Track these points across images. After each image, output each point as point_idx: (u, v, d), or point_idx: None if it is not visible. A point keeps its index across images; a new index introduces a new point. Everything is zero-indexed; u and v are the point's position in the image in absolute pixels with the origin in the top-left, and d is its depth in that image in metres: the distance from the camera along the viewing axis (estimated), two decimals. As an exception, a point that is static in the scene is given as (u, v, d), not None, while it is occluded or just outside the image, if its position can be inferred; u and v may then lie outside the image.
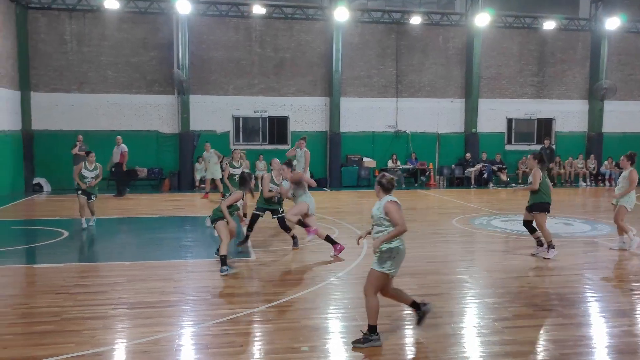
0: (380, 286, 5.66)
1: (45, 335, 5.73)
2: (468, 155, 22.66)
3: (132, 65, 20.59)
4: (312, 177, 15.56)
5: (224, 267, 8.24)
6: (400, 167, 22.05)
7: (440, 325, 6.11)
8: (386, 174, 5.84)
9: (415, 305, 5.95)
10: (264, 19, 21.26)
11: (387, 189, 5.73)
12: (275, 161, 10.43)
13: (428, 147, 22.80)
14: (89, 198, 12.10)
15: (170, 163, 20.91)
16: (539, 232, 9.59)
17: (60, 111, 20.12)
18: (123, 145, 18.50)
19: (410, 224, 8.66)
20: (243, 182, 8.83)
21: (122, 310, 6.62)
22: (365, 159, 22.13)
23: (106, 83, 20.46)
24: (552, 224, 11.92)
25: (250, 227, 10.24)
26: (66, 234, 11.37)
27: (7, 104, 18.24)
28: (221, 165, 17.24)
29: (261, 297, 7.09)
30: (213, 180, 17.70)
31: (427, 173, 22.67)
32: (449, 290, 7.61)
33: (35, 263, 9.40)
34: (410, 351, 5.55)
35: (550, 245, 9.40)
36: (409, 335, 5.96)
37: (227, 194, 10.57)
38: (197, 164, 20.63)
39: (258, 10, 20.45)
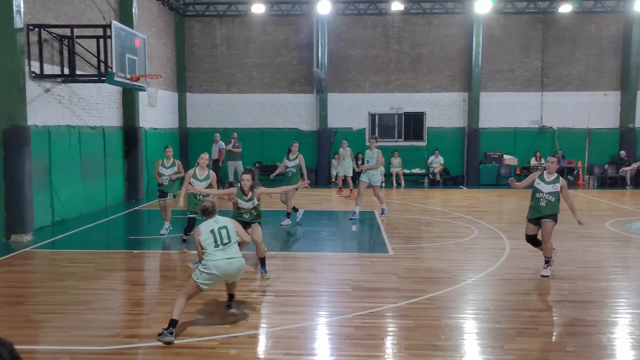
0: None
1: (206, 315, 6.31)
2: (623, 153, 20.74)
3: (275, 65, 21.66)
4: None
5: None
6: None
7: (593, 335, 5.76)
8: None
9: (231, 297, 6.24)
10: (401, 15, 21.22)
11: None
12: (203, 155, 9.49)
13: (576, 143, 21.27)
14: (163, 196, 10.97)
15: (308, 159, 21.65)
16: None
17: (211, 110, 21.79)
18: (221, 142, 18.98)
19: (558, 225, 8.22)
20: None
21: (270, 297, 7.08)
22: (506, 156, 21.22)
23: (251, 83, 21.76)
24: None
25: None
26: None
27: (167, 104, 20.12)
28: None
29: (401, 293, 7.17)
30: (345, 177, 18.21)
31: (576, 172, 21.16)
32: (601, 297, 7.11)
33: (192, 249, 10.32)
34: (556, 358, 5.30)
35: None
36: (560, 341, 5.69)
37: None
38: (333, 160, 21.19)
39: (396, 6, 20.44)
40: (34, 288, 7.61)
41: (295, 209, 12.57)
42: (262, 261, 7.96)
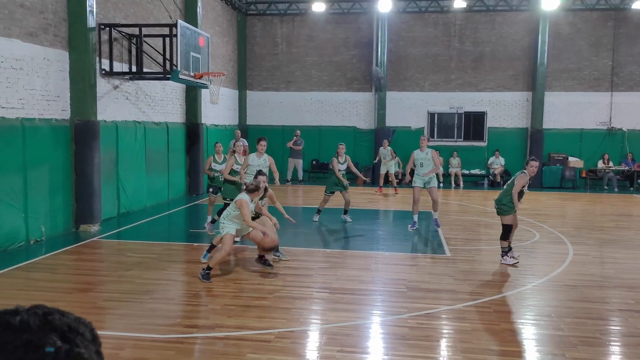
0: None
1: (262, 309, 6.43)
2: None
3: (334, 64, 21.72)
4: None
5: None
6: (613, 168, 19.93)
7: (662, 347, 5.49)
8: None
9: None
10: (464, 13, 20.81)
11: None
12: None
13: (648, 146, 20.22)
14: (216, 192, 11.11)
15: (365, 158, 21.63)
16: None
17: (270, 108, 22.09)
18: (243, 139, 17.55)
19: (625, 231, 7.87)
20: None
21: (325, 294, 7.13)
22: (571, 159, 20.44)
23: (310, 82, 21.91)
24: None
25: None
26: (274, 219, 12.48)
27: (228, 101, 20.55)
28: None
29: (458, 295, 7.06)
30: (387, 176, 18.38)
31: (646, 176, 20.13)
32: (672, 309, 6.75)
33: (249, 244, 10.51)
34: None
35: None
36: (625, 352, 5.46)
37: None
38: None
39: (459, 4, 20.05)
40: (101, 276, 7.97)
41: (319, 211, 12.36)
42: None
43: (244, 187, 7.94)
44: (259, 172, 8.45)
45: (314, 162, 21.57)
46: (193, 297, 7.16)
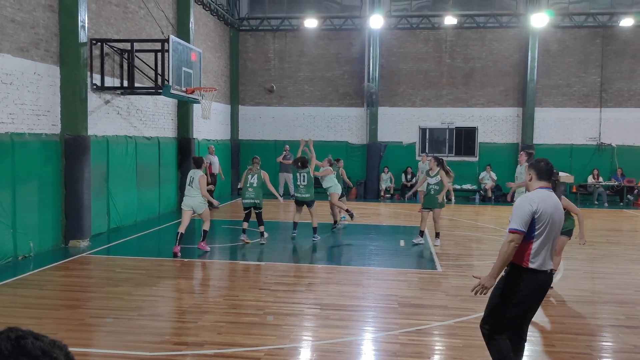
0: None
1: (252, 326, 6.37)
2: (688, 172, 19.75)
3: (326, 79, 21.83)
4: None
5: None
6: (603, 183, 20.07)
7: (653, 363, 5.48)
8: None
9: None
10: (454, 29, 21.02)
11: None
12: None
13: (637, 161, 20.39)
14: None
15: (357, 173, 21.67)
16: None
17: (263, 123, 22.12)
18: (212, 156, 17.74)
19: (615, 246, 7.90)
20: None
21: (316, 310, 7.08)
22: (561, 174, 20.52)
23: (302, 97, 21.98)
24: None
25: None
26: (266, 234, 12.45)
27: (220, 116, 20.57)
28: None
29: (449, 311, 7.03)
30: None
31: (636, 191, 20.26)
32: (663, 324, 6.76)
33: (240, 260, 10.47)
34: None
35: None
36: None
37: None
38: (382, 174, 21.09)
39: (449, 20, 20.28)
40: (90, 292, 7.89)
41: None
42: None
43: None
44: None
45: (305, 177, 21.54)
46: (182, 313, 7.08)
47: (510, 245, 4.32)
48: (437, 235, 11.65)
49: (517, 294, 4.43)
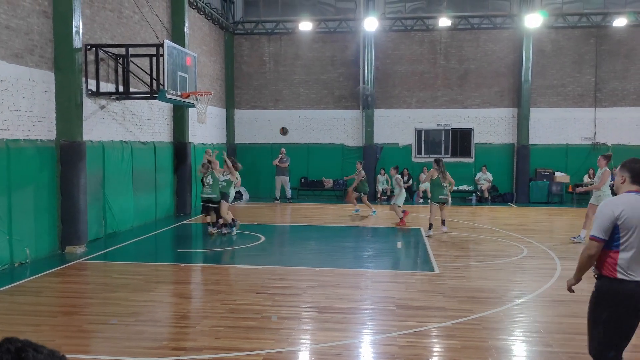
0: None
1: (250, 330, 6.36)
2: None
3: (322, 82, 21.85)
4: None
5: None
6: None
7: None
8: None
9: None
10: (449, 31, 21.08)
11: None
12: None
13: (632, 161, 20.43)
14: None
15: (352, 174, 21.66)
16: None
17: (258, 126, 22.12)
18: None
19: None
20: None
21: (314, 313, 7.07)
22: (557, 174, 20.64)
23: (298, 100, 22.00)
24: None
25: None
26: (263, 238, 12.45)
27: (216, 120, 20.55)
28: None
29: (447, 313, 7.04)
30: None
31: (631, 190, 20.32)
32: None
33: (238, 264, 10.46)
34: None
35: None
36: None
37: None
38: (379, 176, 21.11)
39: (444, 22, 20.33)
40: (87, 298, 7.86)
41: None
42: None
43: None
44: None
45: (302, 179, 21.60)
46: (180, 318, 7.07)
47: (586, 253, 4.01)
48: (430, 226, 12.96)
49: (606, 309, 4.09)
